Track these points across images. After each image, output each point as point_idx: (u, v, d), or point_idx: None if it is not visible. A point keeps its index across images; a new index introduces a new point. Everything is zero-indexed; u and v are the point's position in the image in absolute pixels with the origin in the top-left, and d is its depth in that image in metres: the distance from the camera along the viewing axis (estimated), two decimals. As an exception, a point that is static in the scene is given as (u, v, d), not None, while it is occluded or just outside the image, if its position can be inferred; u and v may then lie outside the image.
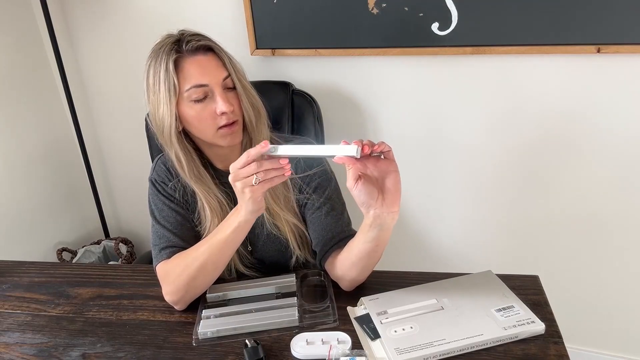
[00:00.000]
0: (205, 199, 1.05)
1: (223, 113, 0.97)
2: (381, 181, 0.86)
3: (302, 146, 0.86)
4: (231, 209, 1.06)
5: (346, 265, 0.99)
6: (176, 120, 0.99)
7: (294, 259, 1.11)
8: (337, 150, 0.83)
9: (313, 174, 1.07)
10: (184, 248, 1.02)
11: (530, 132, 1.47)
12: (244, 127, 1.06)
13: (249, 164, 0.84)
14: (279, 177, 0.86)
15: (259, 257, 1.13)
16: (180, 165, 1.03)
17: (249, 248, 1.12)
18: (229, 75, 0.99)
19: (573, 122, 1.41)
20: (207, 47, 0.98)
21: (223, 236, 0.95)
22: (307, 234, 1.10)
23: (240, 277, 1.11)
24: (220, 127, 0.99)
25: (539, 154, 1.49)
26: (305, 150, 0.86)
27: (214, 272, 0.99)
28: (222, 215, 1.04)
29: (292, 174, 1.06)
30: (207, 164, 1.08)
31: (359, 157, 0.81)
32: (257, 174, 0.84)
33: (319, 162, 1.08)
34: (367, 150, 0.81)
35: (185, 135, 1.04)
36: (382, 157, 0.85)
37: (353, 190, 0.85)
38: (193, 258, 0.98)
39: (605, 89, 1.35)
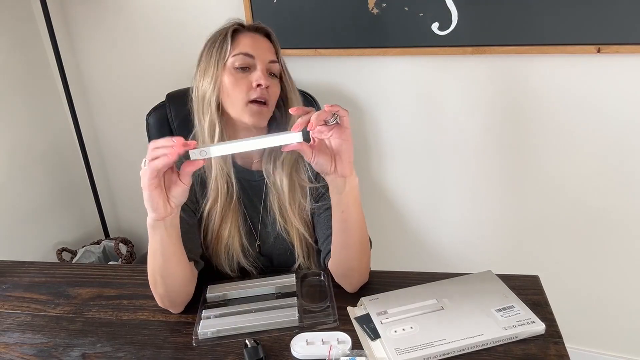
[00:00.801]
0: (217, 176, 1.05)
1: (258, 85, 0.99)
2: (335, 149, 0.87)
3: (243, 142, 0.82)
4: (238, 201, 1.08)
5: (333, 249, 1.00)
6: (215, 86, 1.01)
7: (297, 264, 1.12)
8: (281, 140, 0.82)
9: None
10: None
11: (531, 132, 1.47)
12: (275, 121, 1.07)
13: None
14: (163, 157, 0.80)
15: (267, 254, 1.13)
16: (211, 133, 1.02)
17: (258, 243, 1.12)
18: (277, 62, 1.04)
19: (573, 122, 1.41)
20: (266, 32, 1.05)
21: (150, 244, 0.93)
22: (314, 245, 1.10)
23: (245, 274, 1.11)
24: (251, 102, 1.00)
25: (539, 153, 1.49)
26: (247, 145, 0.82)
27: (164, 281, 0.95)
28: (224, 202, 1.05)
29: (310, 182, 1.07)
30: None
31: (307, 139, 0.81)
32: (146, 157, 0.81)
33: None
34: (312, 128, 0.82)
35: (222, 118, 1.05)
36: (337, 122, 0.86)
37: (312, 162, 0.88)
38: (148, 269, 0.97)
39: (605, 89, 1.35)
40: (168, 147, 0.80)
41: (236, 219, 1.08)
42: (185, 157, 0.82)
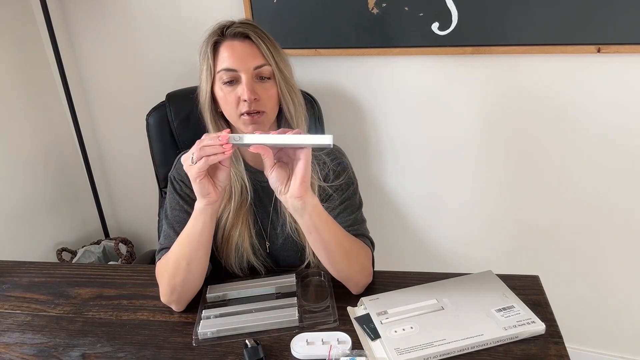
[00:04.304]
0: (231, 180, 1.06)
1: (244, 100, 0.98)
2: (293, 167, 0.89)
3: (273, 135, 0.85)
4: (252, 201, 1.08)
5: (323, 263, 1.01)
6: (209, 97, 1.03)
7: (305, 263, 1.12)
8: (311, 140, 0.84)
9: (337, 177, 1.09)
10: None
11: (530, 132, 1.47)
12: (284, 119, 1.07)
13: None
14: (217, 155, 0.86)
15: (275, 254, 1.13)
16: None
17: (268, 244, 1.12)
18: (264, 65, 1.00)
19: (573, 122, 1.41)
20: (244, 35, 1.00)
21: (187, 229, 0.96)
22: None
23: (254, 274, 1.11)
24: (242, 114, 1.00)
25: (539, 153, 1.49)
26: (276, 139, 0.85)
27: (189, 269, 0.97)
28: (239, 202, 1.06)
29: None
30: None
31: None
32: (193, 153, 0.87)
33: (344, 169, 1.11)
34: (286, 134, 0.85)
35: (224, 120, 1.07)
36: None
37: (269, 175, 0.89)
38: (169, 256, 0.99)
39: (605, 89, 1.35)
40: (217, 145, 0.86)
41: (247, 220, 1.08)
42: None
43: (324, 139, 0.83)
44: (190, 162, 0.88)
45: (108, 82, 1.87)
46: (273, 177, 0.89)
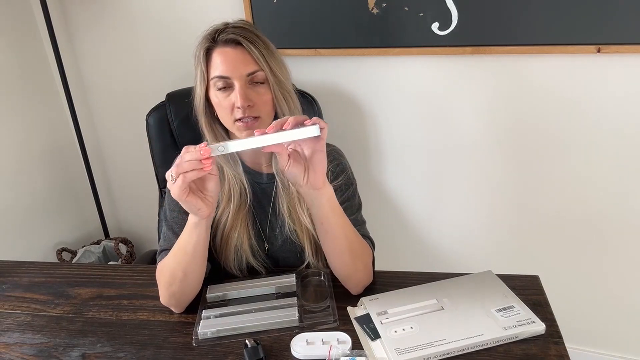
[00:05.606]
0: (230, 182, 1.06)
1: (238, 107, 0.98)
2: (309, 159, 0.88)
3: (258, 138, 0.82)
4: (250, 203, 1.08)
5: (327, 258, 1.01)
6: (204, 101, 1.03)
7: (304, 264, 1.12)
8: (298, 134, 0.81)
9: (336, 178, 1.09)
10: None
11: (530, 132, 1.47)
12: None
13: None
14: (195, 172, 0.83)
15: (274, 255, 1.13)
16: (212, 137, 1.06)
17: (267, 245, 1.12)
18: (258, 71, 0.99)
19: (573, 122, 1.41)
20: (236, 41, 0.99)
21: (182, 241, 0.95)
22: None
23: (254, 274, 1.11)
24: (237, 120, 1.00)
25: (539, 154, 1.49)
26: (262, 141, 0.82)
27: (185, 279, 0.97)
28: (238, 204, 1.06)
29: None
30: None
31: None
32: (171, 171, 0.83)
33: (343, 169, 1.11)
34: (288, 127, 0.82)
35: (220, 124, 1.06)
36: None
37: (286, 171, 0.88)
38: (165, 265, 0.99)
39: (605, 89, 1.35)
40: (196, 160, 0.82)
41: (246, 222, 1.08)
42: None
43: (311, 131, 0.81)
44: (170, 180, 0.84)
45: (108, 82, 1.87)
46: (290, 172, 0.88)
